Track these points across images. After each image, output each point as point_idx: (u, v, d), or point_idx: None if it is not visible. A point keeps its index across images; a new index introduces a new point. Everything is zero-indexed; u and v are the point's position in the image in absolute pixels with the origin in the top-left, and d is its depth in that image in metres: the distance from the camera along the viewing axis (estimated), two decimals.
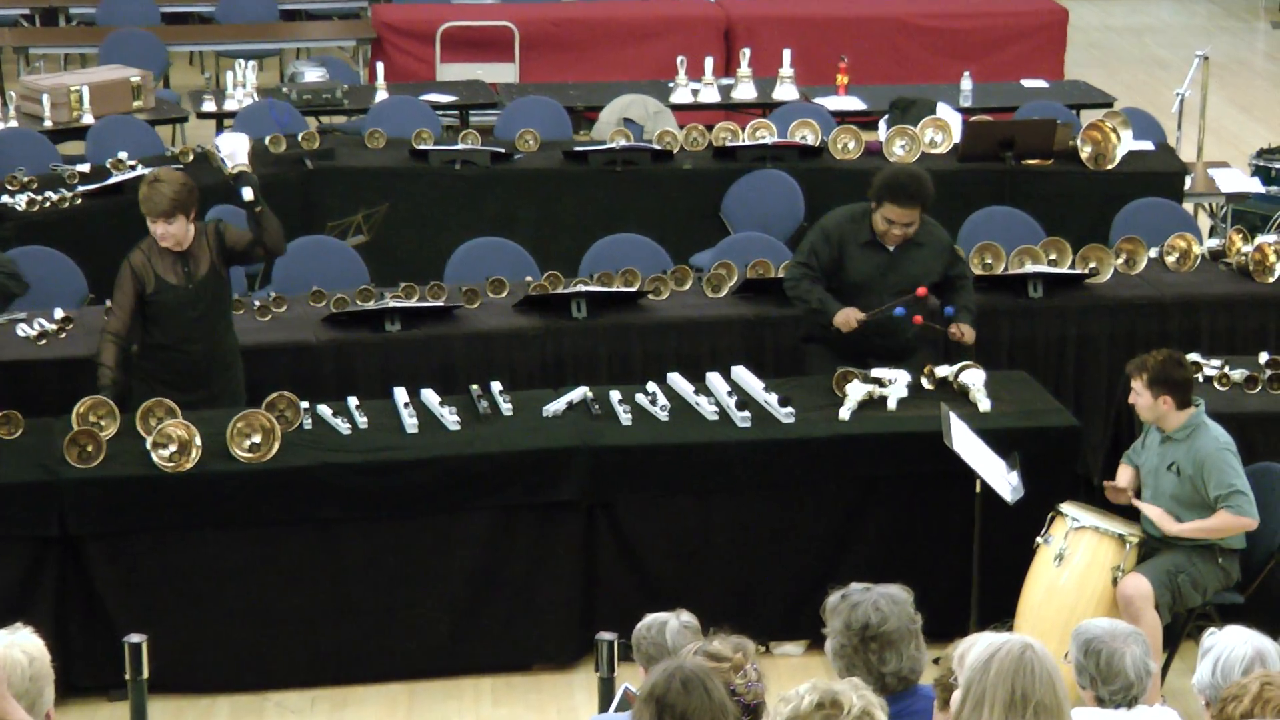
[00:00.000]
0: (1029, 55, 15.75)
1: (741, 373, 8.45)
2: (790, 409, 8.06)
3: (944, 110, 12.06)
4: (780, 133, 11.62)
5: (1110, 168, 11.28)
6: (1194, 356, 8.48)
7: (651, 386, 8.28)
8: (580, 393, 8.22)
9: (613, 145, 11.43)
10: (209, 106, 12.86)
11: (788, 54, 13.43)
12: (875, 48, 15.50)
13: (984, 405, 8.17)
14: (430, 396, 8.17)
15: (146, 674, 6.44)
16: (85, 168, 10.91)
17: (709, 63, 13.43)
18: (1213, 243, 10.19)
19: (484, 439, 7.88)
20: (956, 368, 8.33)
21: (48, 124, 12.04)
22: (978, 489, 7.61)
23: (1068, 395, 9.22)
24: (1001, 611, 7.54)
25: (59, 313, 9.06)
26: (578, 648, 7.95)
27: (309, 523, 7.73)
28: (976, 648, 4.73)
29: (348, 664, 7.85)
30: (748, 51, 13.62)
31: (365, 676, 7.87)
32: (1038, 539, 7.60)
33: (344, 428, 7.93)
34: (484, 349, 9.03)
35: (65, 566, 7.56)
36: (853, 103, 13.24)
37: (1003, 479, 7.59)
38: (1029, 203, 10.93)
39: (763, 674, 5.11)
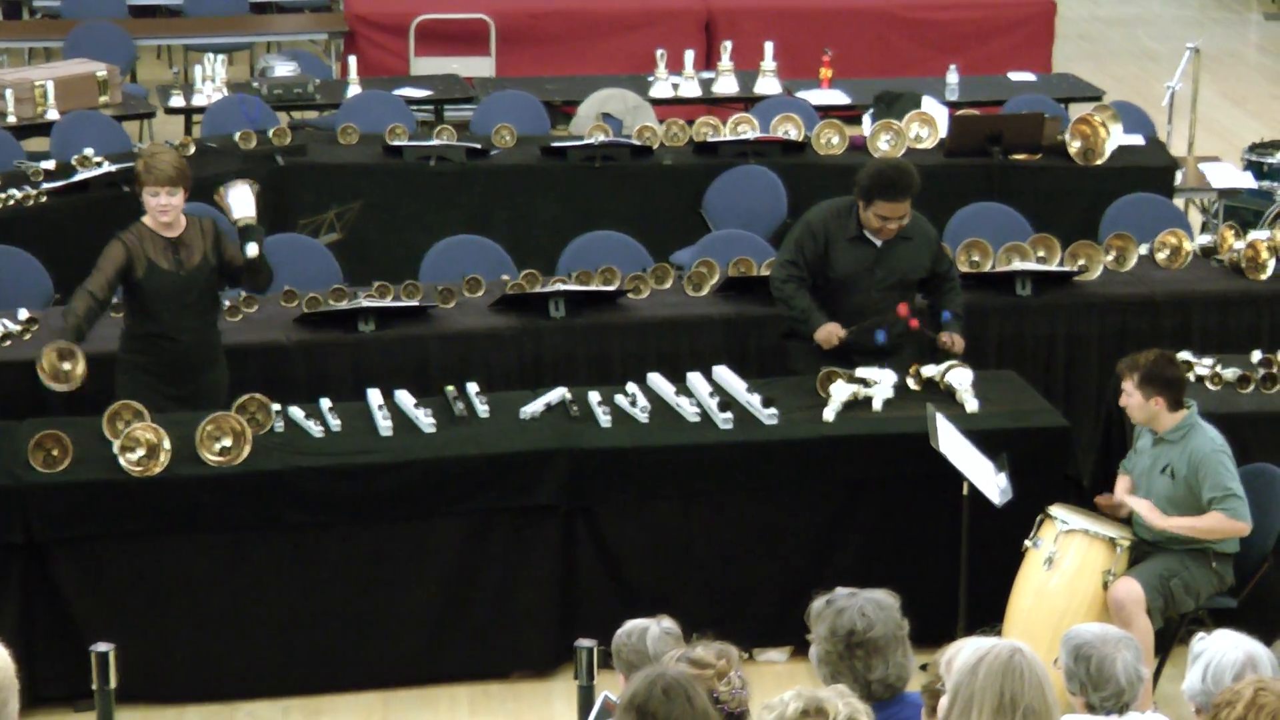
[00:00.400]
0: (1016, 48, 15.77)
1: (723, 373, 8.46)
2: (773, 410, 8.06)
3: (930, 104, 12.08)
4: (762, 127, 11.63)
5: (1100, 162, 11.30)
6: (1185, 355, 8.49)
7: (631, 387, 8.28)
8: (558, 394, 8.22)
9: (591, 141, 11.43)
10: (177, 102, 12.85)
11: (770, 47, 13.44)
12: (859, 40, 15.50)
13: (971, 406, 8.18)
14: (405, 398, 8.16)
15: (114, 684, 6.41)
16: (50, 165, 10.88)
17: (689, 56, 13.43)
18: (1204, 239, 10.21)
19: (460, 442, 7.88)
20: (943, 367, 8.34)
21: (11, 120, 12.02)
22: (965, 491, 7.62)
23: (1057, 395, 9.24)
24: (990, 616, 7.55)
25: (23, 313, 9.03)
26: (557, 655, 7.94)
27: (280, 528, 7.72)
28: (965, 652, 4.75)
29: (321, 673, 7.84)
30: (729, 44, 13.62)
31: (339, 685, 7.86)
32: (1027, 542, 7.60)
33: (316, 430, 7.92)
34: (460, 349, 9.03)
35: (30, 574, 7.53)
36: (837, 96, 13.26)
37: (991, 481, 7.60)
38: (1017, 198, 10.94)
39: (746, 681, 5.11)
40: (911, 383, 8.33)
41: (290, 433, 7.93)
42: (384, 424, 7.94)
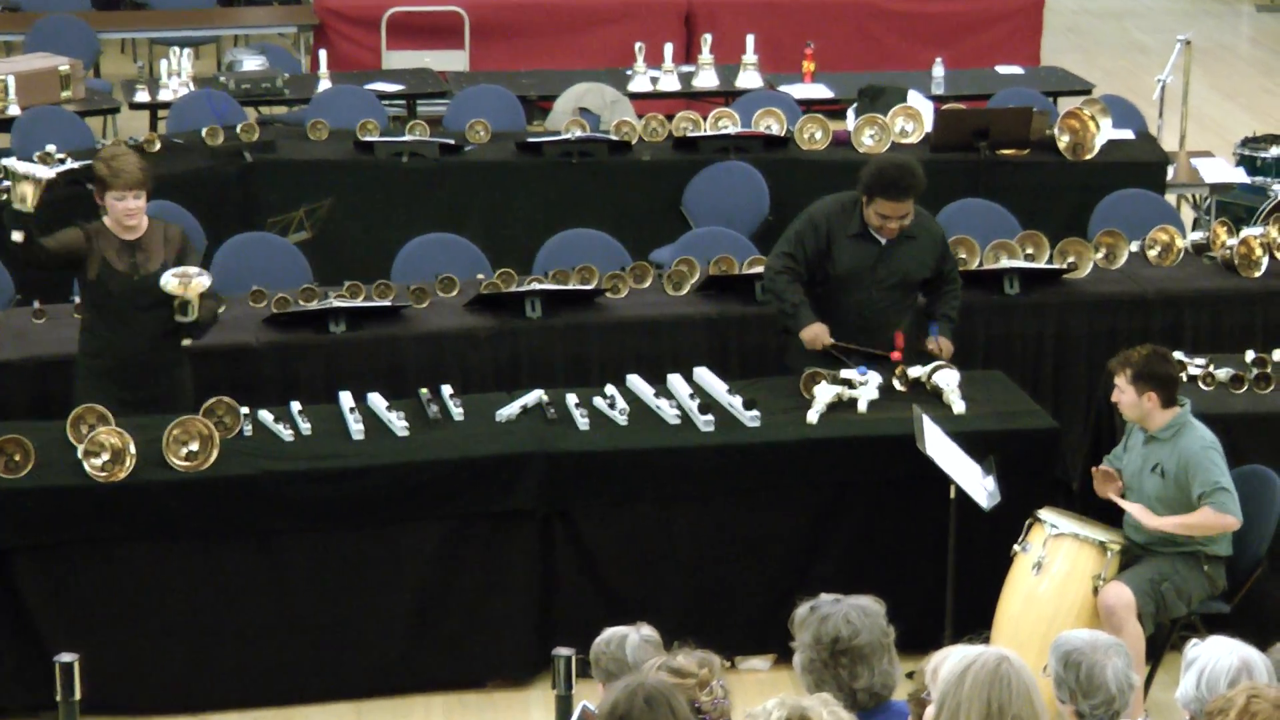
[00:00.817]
0: (1004, 40, 15.80)
1: (704, 374, 8.46)
2: (755, 412, 8.07)
3: (915, 98, 12.10)
4: (744, 122, 11.64)
5: (1089, 158, 11.33)
6: (1178, 355, 8.50)
7: (610, 389, 8.28)
8: (535, 396, 8.22)
9: (568, 136, 11.43)
10: (142, 97, 12.82)
11: (751, 39, 13.45)
12: (843, 33, 15.53)
13: (958, 407, 8.19)
14: (377, 401, 8.16)
15: (79, 695, 6.40)
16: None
17: (669, 49, 13.44)
18: (1196, 236, 10.24)
19: (434, 445, 7.88)
20: (930, 368, 8.36)
21: None
22: (952, 495, 7.64)
23: (1046, 396, 9.25)
24: (977, 623, 7.54)
25: None
26: (534, 664, 7.94)
27: (250, 534, 7.71)
28: (951, 660, 4.75)
29: (292, 683, 7.84)
30: (709, 37, 13.63)
31: (310, 696, 7.85)
32: (1015, 547, 7.62)
33: (286, 434, 7.92)
34: (434, 351, 9.02)
35: None
36: (820, 90, 13.27)
37: (978, 484, 7.61)
38: (1004, 195, 10.96)
39: (729, 690, 5.12)
40: (897, 384, 8.34)
41: (259, 437, 7.92)
42: (356, 427, 7.94)
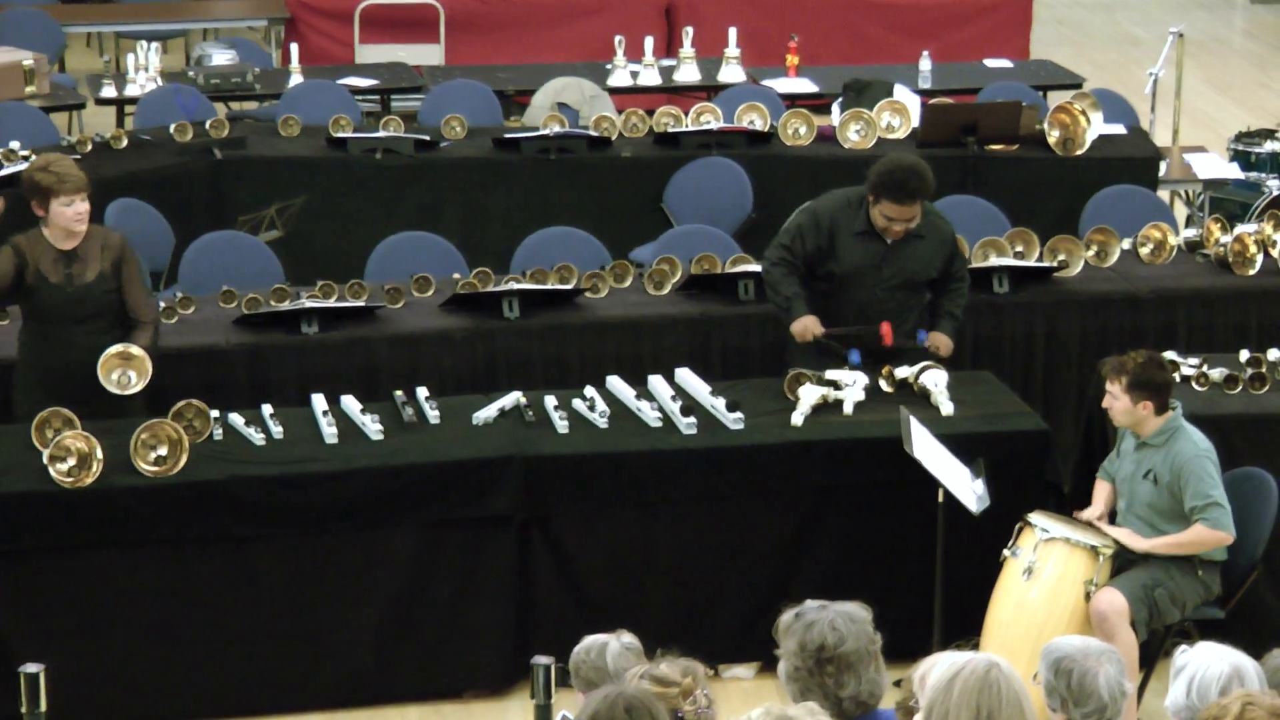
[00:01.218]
0: (992, 33, 15.82)
1: (686, 375, 8.47)
2: (739, 414, 8.08)
3: (901, 92, 12.10)
4: (726, 117, 11.64)
5: (1080, 153, 11.34)
6: (1170, 355, 8.52)
7: (589, 391, 8.29)
8: (513, 398, 8.22)
9: (546, 132, 11.43)
10: (109, 92, 12.81)
11: (734, 33, 13.46)
12: (827, 26, 15.54)
13: (946, 408, 8.20)
14: (351, 404, 8.16)
15: (44, 706, 6.39)
16: None
17: (649, 43, 13.44)
18: (1189, 233, 10.26)
19: (409, 449, 7.87)
20: (917, 368, 8.36)
21: None
22: (940, 498, 7.64)
23: (1036, 397, 9.27)
24: (966, 629, 7.58)
25: None
26: (512, 673, 7.95)
27: (220, 541, 7.71)
28: (939, 668, 4.76)
29: (263, 693, 7.83)
30: (690, 30, 13.64)
31: (282, 706, 7.85)
32: (1005, 551, 7.62)
33: (258, 438, 7.91)
34: (409, 352, 9.02)
35: None
36: (804, 85, 13.28)
37: (967, 487, 7.62)
38: (993, 191, 10.97)
39: (712, 699, 5.11)
40: (884, 385, 8.35)
41: (230, 440, 7.92)
42: (329, 431, 7.94)
